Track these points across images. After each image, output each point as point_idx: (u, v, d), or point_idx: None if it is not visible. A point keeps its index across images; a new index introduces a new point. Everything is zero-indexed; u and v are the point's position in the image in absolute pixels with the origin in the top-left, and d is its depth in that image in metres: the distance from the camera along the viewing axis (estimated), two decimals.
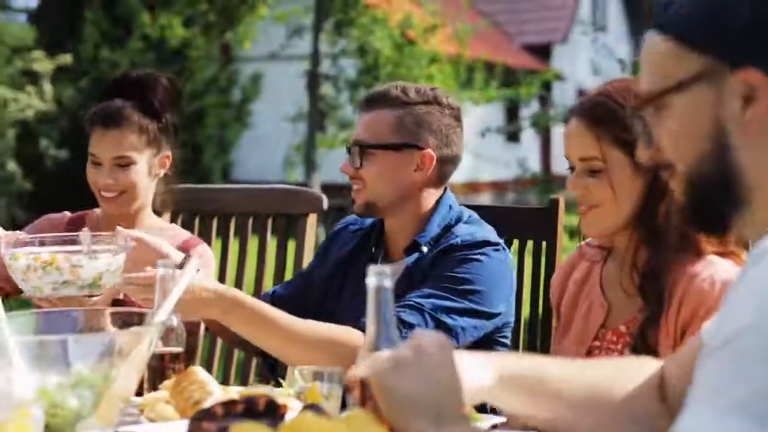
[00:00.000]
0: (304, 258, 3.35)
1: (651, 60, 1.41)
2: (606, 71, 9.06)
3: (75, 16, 16.25)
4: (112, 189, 2.97)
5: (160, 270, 2.20)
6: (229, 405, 1.66)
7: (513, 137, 20.80)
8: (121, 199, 2.98)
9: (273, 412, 1.65)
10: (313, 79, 13.27)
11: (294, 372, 2.15)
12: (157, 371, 2.19)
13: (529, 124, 12.86)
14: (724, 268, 2.18)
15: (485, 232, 2.72)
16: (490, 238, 2.68)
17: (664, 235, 2.22)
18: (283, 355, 2.47)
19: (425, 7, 14.25)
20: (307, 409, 1.66)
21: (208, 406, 1.70)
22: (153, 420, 1.98)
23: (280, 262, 3.44)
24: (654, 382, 1.63)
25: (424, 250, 2.70)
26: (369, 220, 2.91)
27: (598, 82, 2.81)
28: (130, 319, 2.10)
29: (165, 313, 2.10)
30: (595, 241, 2.43)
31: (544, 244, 2.97)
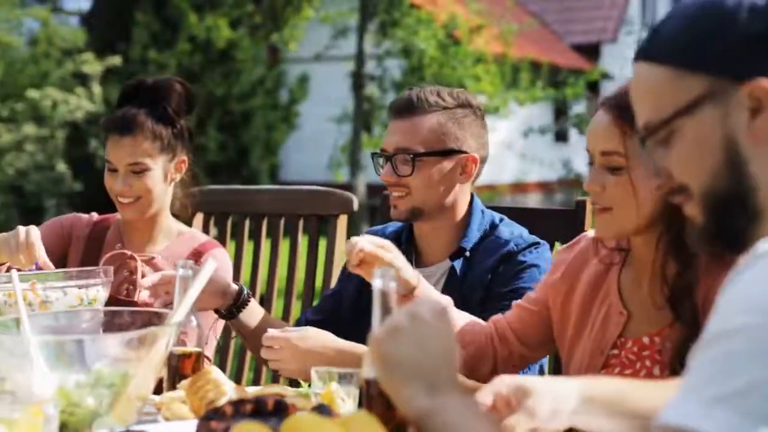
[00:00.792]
0: (334, 259, 3.38)
1: (648, 90, 1.42)
2: None
3: (126, 18, 16.39)
4: (128, 195, 3.00)
5: (180, 270, 2.23)
6: (238, 405, 1.68)
7: (562, 137, 20.68)
8: (138, 205, 3.01)
9: (281, 412, 1.67)
10: (358, 79, 13.29)
11: (311, 372, 2.17)
12: (176, 371, 2.22)
13: (573, 124, 12.78)
14: None
15: (526, 231, 2.79)
16: (535, 238, 2.75)
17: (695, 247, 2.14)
18: None
19: (471, 6, 14.21)
20: (314, 409, 1.68)
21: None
22: (169, 419, 2.01)
23: (311, 263, 3.46)
24: None
25: (467, 254, 2.74)
26: (390, 229, 2.93)
27: None
28: (149, 318, 2.12)
29: (183, 313, 2.12)
30: (611, 242, 2.31)
31: None
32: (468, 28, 13.69)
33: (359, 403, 1.99)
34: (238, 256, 3.60)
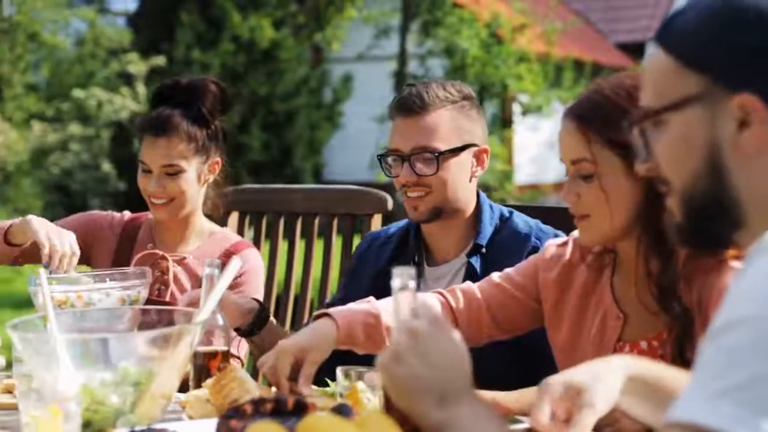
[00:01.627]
0: None
1: (652, 75, 1.42)
2: None
3: (171, 19, 16.49)
4: (161, 197, 2.99)
5: (207, 269, 2.24)
6: (258, 404, 1.68)
7: None
8: (171, 207, 3.00)
9: (301, 412, 1.67)
10: (400, 79, 13.27)
11: (337, 371, 2.16)
12: (202, 369, 2.22)
13: None
14: None
15: (539, 222, 2.78)
16: (551, 228, 2.73)
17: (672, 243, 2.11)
18: None
19: (514, 5, 14.15)
20: (333, 409, 1.68)
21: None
22: (193, 418, 2.01)
23: (345, 263, 3.45)
24: None
25: (484, 250, 2.71)
26: (393, 230, 2.91)
27: None
28: (174, 317, 2.13)
29: (208, 312, 2.13)
30: (595, 247, 2.28)
31: None
32: (511, 27, 13.63)
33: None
34: (273, 256, 3.61)
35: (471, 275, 2.71)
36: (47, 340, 1.93)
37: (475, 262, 2.73)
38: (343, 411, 1.66)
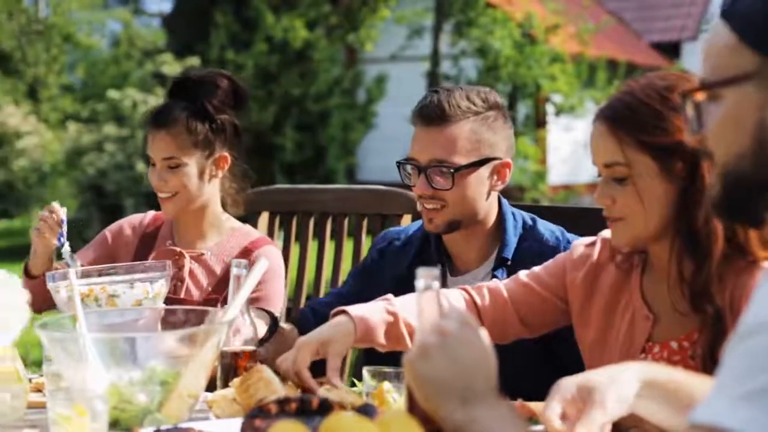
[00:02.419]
0: None
1: (711, 49, 1.40)
2: None
3: (206, 19, 16.56)
4: (164, 190, 2.98)
5: (234, 270, 2.24)
6: (283, 403, 1.69)
7: None
8: (175, 200, 2.99)
9: (326, 411, 1.67)
10: (433, 79, 13.28)
11: (363, 371, 2.17)
12: (229, 368, 2.23)
13: None
14: None
15: (563, 230, 2.75)
16: (575, 236, 2.68)
17: (707, 244, 2.07)
18: None
19: (547, 5, 14.12)
20: (358, 409, 1.68)
21: None
22: (219, 417, 2.02)
23: None
24: None
25: (509, 262, 2.69)
26: (413, 230, 2.87)
27: None
28: (202, 316, 2.14)
29: (235, 311, 2.14)
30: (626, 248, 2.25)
31: None
32: (544, 27, 13.60)
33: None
34: (303, 256, 3.62)
35: None
36: (75, 340, 1.95)
37: (501, 274, 2.68)
38: (367, 411, 1.66)
